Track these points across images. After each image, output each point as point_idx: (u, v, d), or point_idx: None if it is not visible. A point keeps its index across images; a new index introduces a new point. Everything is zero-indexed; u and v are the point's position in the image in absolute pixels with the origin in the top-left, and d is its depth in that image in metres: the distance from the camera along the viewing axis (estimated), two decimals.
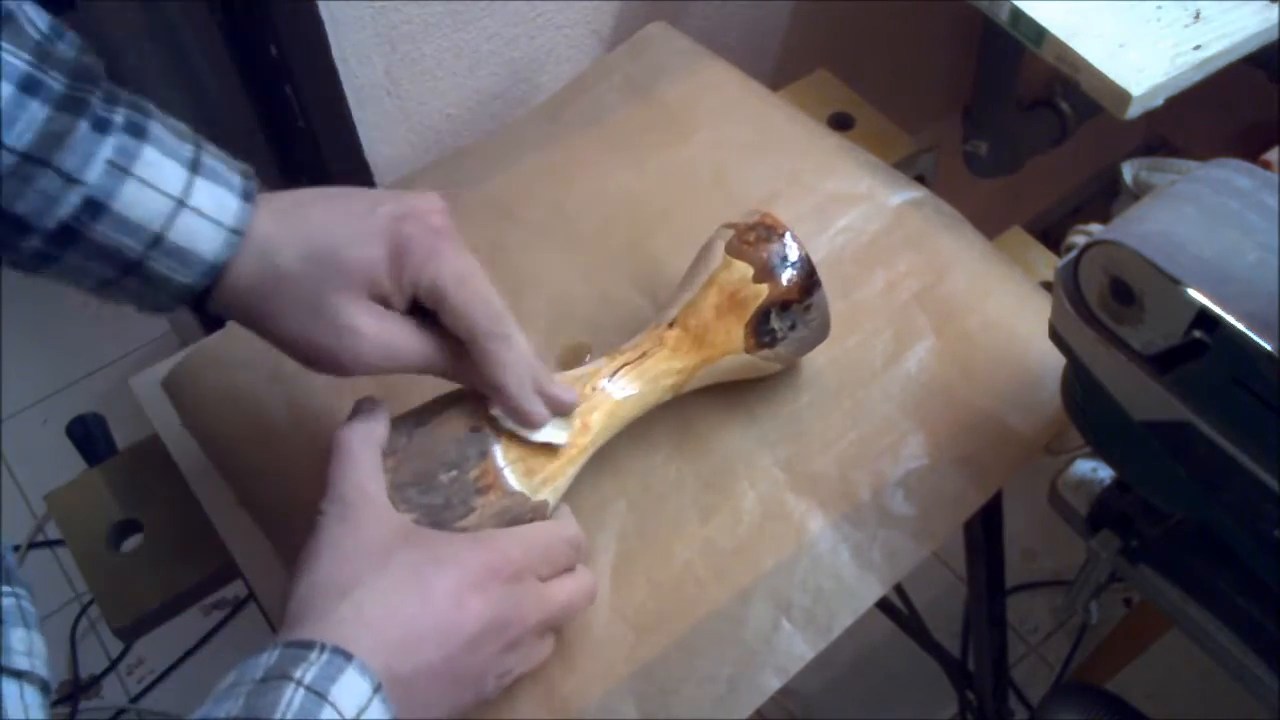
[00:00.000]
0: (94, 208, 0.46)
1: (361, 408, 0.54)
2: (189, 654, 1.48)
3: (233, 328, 0.71)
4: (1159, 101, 0.75)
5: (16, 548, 1.53)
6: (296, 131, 0.83)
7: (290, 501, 0.63)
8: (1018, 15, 0.78)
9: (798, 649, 0.56)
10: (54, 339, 1.84)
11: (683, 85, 0.81)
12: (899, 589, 1.05)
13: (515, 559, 0.50)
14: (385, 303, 0.51)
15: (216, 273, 0.50)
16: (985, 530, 0.80)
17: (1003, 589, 0.87)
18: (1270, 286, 0.44)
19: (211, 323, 0.76)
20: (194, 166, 0.49)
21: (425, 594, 0.47)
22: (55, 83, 0.45)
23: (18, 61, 0.44)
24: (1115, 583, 0.63)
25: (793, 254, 0.60)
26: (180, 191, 0.48)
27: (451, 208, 0.59)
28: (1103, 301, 0.49)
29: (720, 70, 0.83)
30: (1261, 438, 0.46)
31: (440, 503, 0.51)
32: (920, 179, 0.86)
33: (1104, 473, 0.62)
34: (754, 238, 0.60)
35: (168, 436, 0.68)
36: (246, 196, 0.50)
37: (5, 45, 0.44)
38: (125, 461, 0.75)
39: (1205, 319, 0.45)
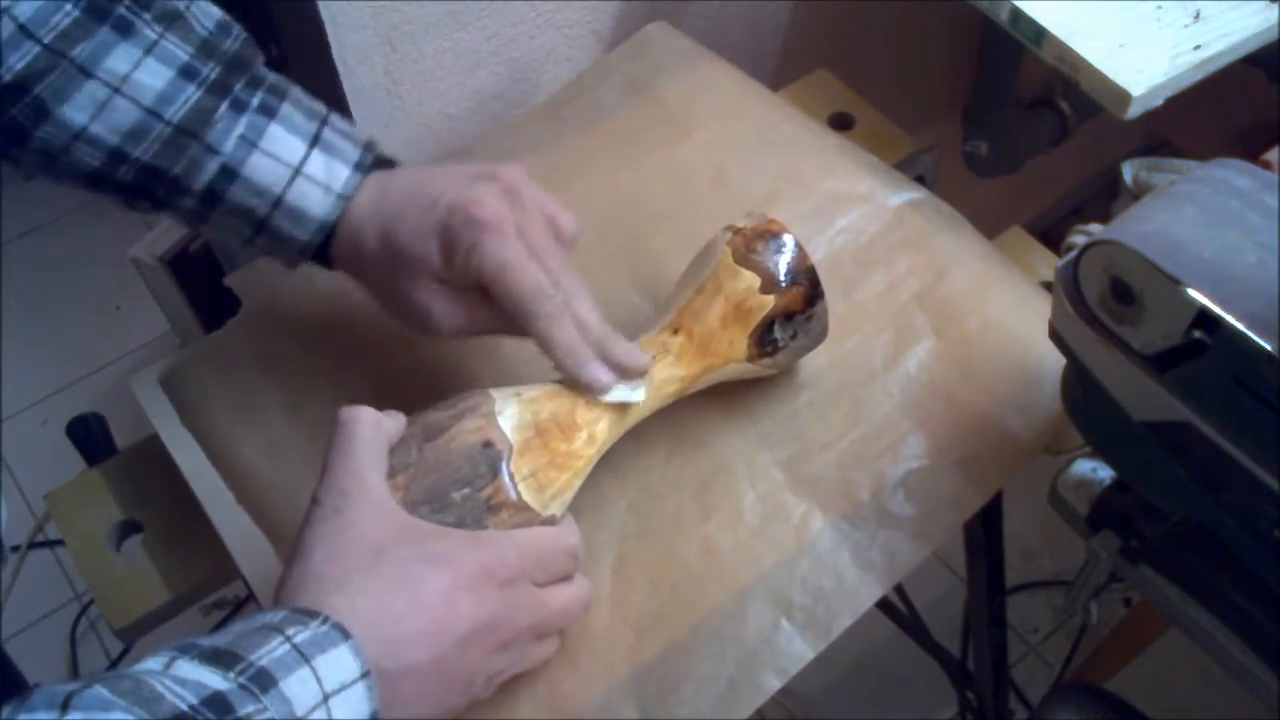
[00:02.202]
0: (228, 173, 0.57)
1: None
2: None
3: (233, 326, 0.72)
4: (1159, 101, 0.75)
5: (16, 548, 1.53)
6: None
7: (290, 501, 0.63)
8: (1018, 15, 0.78)
9: (798, 649, 0.56)
10: (54, 339, 1.84)
11: (683, 85, 0.81)
12: (899, 589, 1.05)
13: (510, 563, 0.50)
14: (453, 284, 0.58)
15: (326, 231, 0.59)
16: (985, 530, 0.80)
17: (1003, 589, 0.87)
18: (1270, 286, 0.44)
19: (211, 322, 0.76)
20: (314, 141, 0.58)
21: (417, 592, 0.47)
22: (211, 71, 0.56)
23: (180, 53, 0.55)
24: (1115, 583, 0.63)
25: (800, 265, 0.60)
26: (298, 161, 0.58)
27: None
28: (1103, 301, 0.49)
29: (720, 70, 0.83)
30: (1261, 438, 0.46)
31: (453, 521, 0.51)
32: (920, 179, 0.86)
33: (1104, 473, 0.62)
34: (761, 247, 0.60)
35: (168, 436, 0.68)
36: (359, 167, 0.59)
37: (171, 39, 0.55)
38: (125, 461, 0.75)
39: (1205, 319, 0.45)
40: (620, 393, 0.57)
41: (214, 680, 0.40)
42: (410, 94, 0.87)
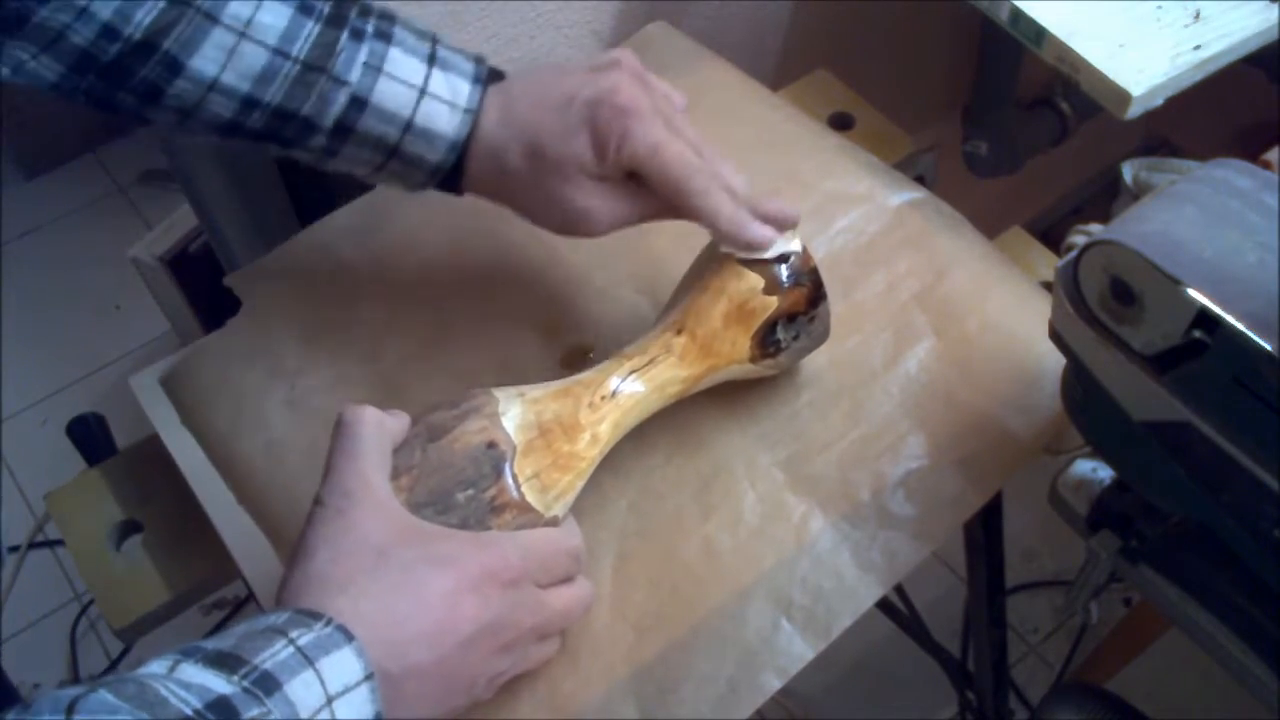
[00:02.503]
0: (358, 103, 0.57)
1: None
2: None
3: (233, 326, 0.72)
4: (1159, 101, 0.75)
5: (16, 548, 1.53)
6: None
7: (290, 501, 0.63)
8: (1018, 15, 0.78)
9: (798, 649, 0.56)
10: (54, 339, 1.84)
11: (682, 85, 0.81)
12: (899, 589, 1.05)
13: (514, 565, 0.50)
14: (605, 178, 0.58)
15: (459, 150, 0.59)
16: (985, 530, 0.80)
17: (1003, 589, 0.87)
18: (1270, 286, 0.44)
19: (211, 322, 0.76)
20: (431, 60, 0.58)
21: (420, 594, 0.47)
22: (325, 4, 0.56)
23: None
24: (1115, 583, 0.63)
25: (804, 266, 0.60)
26: (421, 81, 0.58)
27: (449, 207, 0.60)
28: (1103, 301, 0.49)
29: (720, 70, 0.83)
30: (1261, 438, 0.46)
31: (457, 523, 0.51)
32: (920, 179, 0.86)
33: (1104, 473, 0.62)
34: None
35: (168, 436, 0.68)
36: (477, 80, 0.59)
37: None
38: (125, 461, 0.75)
39: (1205, 319, 0.45)
40: (780, 245, 0.59)
41: (218, 684, 0.40)
42: None
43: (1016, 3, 0.78)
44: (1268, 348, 0.43)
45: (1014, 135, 1.25)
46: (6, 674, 0.66)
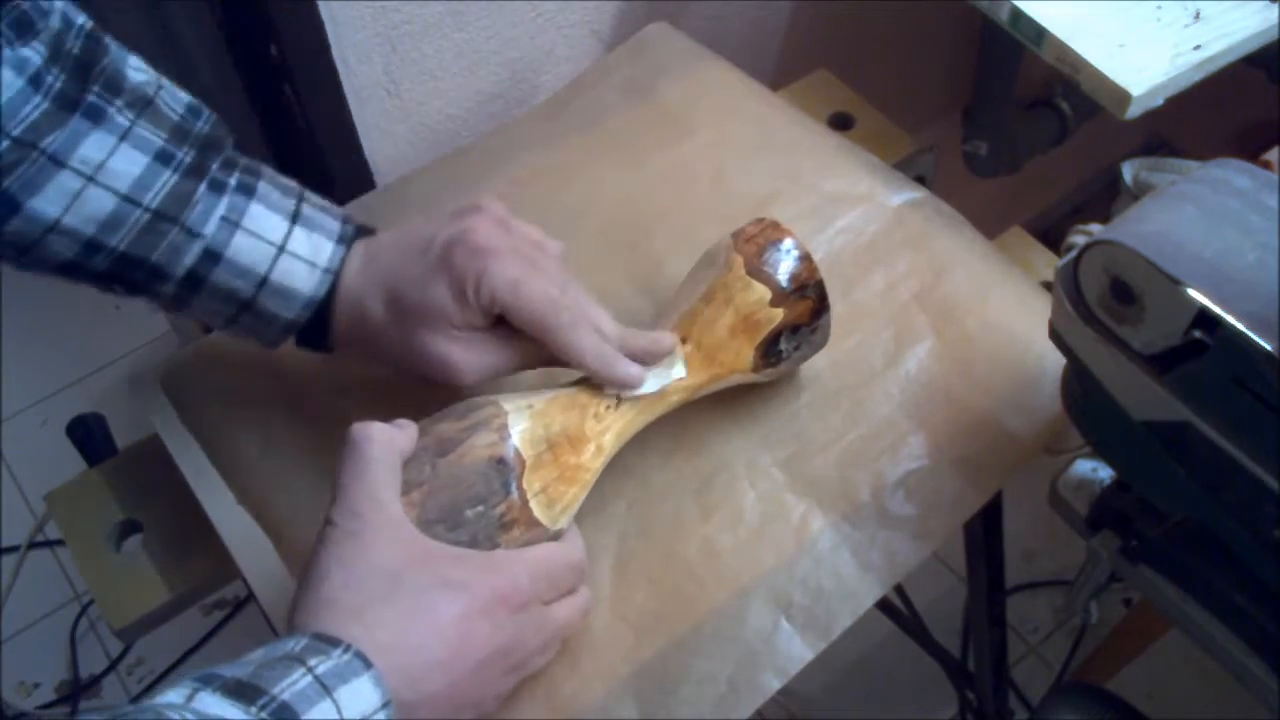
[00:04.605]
0: (212, 256, 0.56)
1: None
2: (189, 654, 1.48)
3: None
4: (1159, 101, 0.75)
5: (16, 548, 1.53)
6: (296, 131, 0.83)
7: (290, 500, 0.63)
8: (1018, 15, 0.78)
9: (797, 649, 0.56)
10: (54, 339, 1.84)
11: (683, 85, 0.81)
12: (899, 589, 1.05)
13: (524, 589, 0.50)
14: (469, 325, 0.56)
15: (315, 308, 0.58)
16: (985, 530, 0.80)
17: (1003, 589, 0.87)
18: (1270, 286, 0.44)
19: None
20: (294, 218, 0.57)
21: (434, 621, 0.47)
22: (186, 155, 0.54)
23: (154, 138, 0.53)
24: (1115, 583, 0.63)
25: (810, 278, 0.60)
26: (281, 239, 0.57)
27: (445, 208, 0.60)
28: (1103, 301, 0.49)
29: (720, 70, 0.83)
30: (1261, 438, 0.46)
31: (466, 540, 0.51)
32: (920, 179, 0.86)
33: (1104, 473, 0.62)
34: (773, 258, 0.60)
35: (168, 436, 0.68)
36: (341, 239, 0.58)
37: (144, 124, 0.53)
38: (125, 461, 0.75)
39: (1205, 319, 0.45)
40: (655, 381, 0.58)
41: (236, 715, 0.40)
42: (410, 94, 0.87)
43: (1016, 3, 0.78)
44: (1268, 348, 0.43)
45: (1014, 135, 1.25)
46: (4, 674, 0.66)
